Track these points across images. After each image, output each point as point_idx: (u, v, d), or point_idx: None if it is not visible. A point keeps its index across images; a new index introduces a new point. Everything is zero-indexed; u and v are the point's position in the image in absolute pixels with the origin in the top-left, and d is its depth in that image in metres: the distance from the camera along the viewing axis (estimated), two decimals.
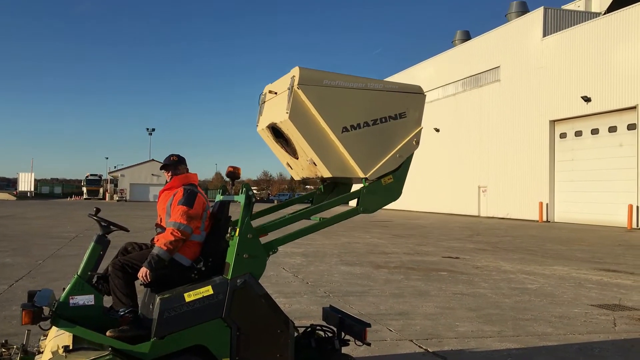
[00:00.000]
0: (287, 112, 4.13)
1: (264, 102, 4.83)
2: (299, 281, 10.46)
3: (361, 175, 4.32)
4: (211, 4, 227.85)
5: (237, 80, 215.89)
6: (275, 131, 4.56)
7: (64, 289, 4.12)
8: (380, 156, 4.34)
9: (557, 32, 35.26)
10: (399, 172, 4.44)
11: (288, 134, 4.40)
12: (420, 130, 4.46)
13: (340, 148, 4.24)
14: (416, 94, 4.49)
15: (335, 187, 4.94)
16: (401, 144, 4.40)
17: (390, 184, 4.41)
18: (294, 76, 4.14)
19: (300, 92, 4.10)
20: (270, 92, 4.68)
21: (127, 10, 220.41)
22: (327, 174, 4.34)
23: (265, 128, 4.70)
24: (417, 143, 4.45)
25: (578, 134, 33.54)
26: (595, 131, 32.35)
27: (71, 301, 4.01)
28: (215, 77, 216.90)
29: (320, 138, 4.22)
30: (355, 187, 4.61)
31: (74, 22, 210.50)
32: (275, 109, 4.46)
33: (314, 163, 4.37)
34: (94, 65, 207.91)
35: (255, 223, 4.26)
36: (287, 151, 4.70)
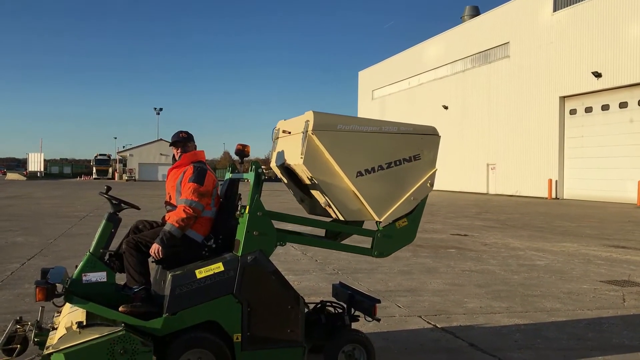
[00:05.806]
0: (301, 157, 4.11)
1: (277, 137, 4.81)
2: (308, 259, 10.52)
3: (376, 218, 4.30)
4: None
5: (244, 58, 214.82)
6: (289, 170, 4.55)
7: (76, 266, 4.17)
8: (395, 200, 4.30)
9: (567, 7, 34.71)
10: (414, 215, 4.41)
11: (302, 177, 4.38)
12: (434, 172, 4.42)
13: (355, 192, 4.21)
14: (431, 135, 4.47)
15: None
16: (415, 187, 4.36)
17: (404, 227, 4.39)
18: (308, 120, 4.10)
19: (314, 137, 4.07)
20: (284, 131, 4.64)
21: None
22: (340, 217, 4.34)
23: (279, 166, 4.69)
24: (432, 185, 4.41)
25: (588, 110, 33.22)
26: (605, 107, 32.03)
27: (84, 278, 4.06)
28: (221, 54, 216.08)
29: (335, 182, 4.19)
30: (367, 223, 4.56)
31: None
32: (289, 150, 4.44)
33: (329, 205, 4.35)
34: (101, 44, 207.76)
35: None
36: (301, 189, 4.70)
